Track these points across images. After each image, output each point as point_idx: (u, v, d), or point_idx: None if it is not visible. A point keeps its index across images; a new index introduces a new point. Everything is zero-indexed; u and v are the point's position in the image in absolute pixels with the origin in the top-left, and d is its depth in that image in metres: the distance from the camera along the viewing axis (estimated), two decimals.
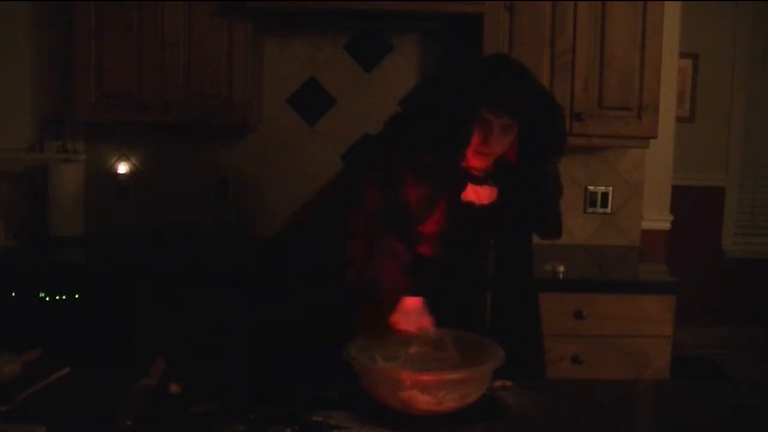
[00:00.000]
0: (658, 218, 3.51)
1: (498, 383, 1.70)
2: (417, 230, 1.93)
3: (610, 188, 3.41)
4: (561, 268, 2.82)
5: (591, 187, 3.41)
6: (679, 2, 3.40)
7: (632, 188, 3.41)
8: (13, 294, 2.72)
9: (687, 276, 2.99)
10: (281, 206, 3.35)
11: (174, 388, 1.67)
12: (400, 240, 1.89)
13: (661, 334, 2.77)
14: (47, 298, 2.72)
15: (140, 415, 1.52)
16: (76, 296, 2.72)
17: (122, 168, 3.36)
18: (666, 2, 3.05)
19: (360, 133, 3.30)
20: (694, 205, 4.97)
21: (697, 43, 4.98)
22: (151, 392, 1.63)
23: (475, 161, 1.88)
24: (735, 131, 5.24)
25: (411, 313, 1.75)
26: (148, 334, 2.69)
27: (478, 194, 1.94)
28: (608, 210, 3.41)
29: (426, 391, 1.52)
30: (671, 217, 3.56)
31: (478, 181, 1.93)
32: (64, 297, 2.72)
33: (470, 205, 1.94)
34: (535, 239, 2.13)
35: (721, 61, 5.14)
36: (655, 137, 3.06)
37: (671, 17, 3.29)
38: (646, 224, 3.47)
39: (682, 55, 3.84)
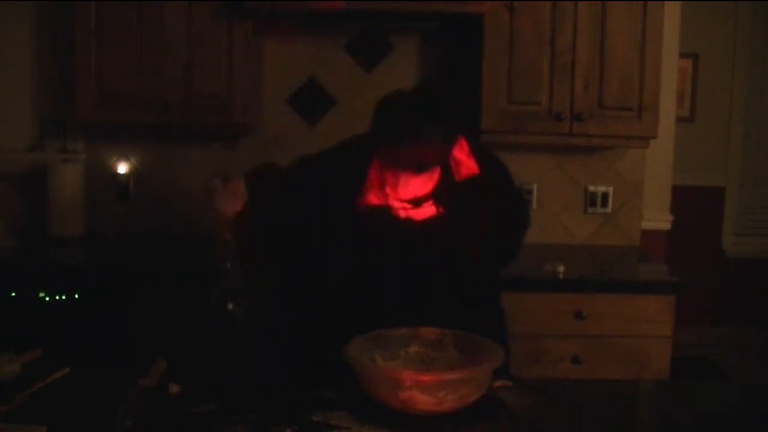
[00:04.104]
0: (658, 218, 3.52)
1: (498, 383, 1.70)
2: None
3: (610, 188, 3.41)
4: (561, 268, 2.82)
5: (591, 187, 3.41)
6: (679, 2, 3.40)
7: (632, 188, 3.41)
8: (13, 294, 2.72)
9: (687, 276, 2.99)
10: None
11: (174, 388, 1.67)
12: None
13: (661, 334, 2.77)
14: (47, 298, 2.72)
15: (140, 415, 1.52)
16: (76, 296, 2.72)
17: (122, 168, 3.36)
18: (666, 2, 3.05)
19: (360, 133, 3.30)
20: (694, 205, 4.97)
21: (697, 43, 4.98)
22: (151, 392, 1.63)
23: (408, 191, 1.85)
24: (735, 131, 5.24)
25: (230, 193, 1.85)
26: (148, 334, 2.69)
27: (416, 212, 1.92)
28: (608, 210, 3.41)
29: (426, 391, 1.52)
30: (671, 217, 3.56)
31: (416, 203, 1.90)
32: (64, 297, 2.72)
33: (407, 221, 1.92)
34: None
35: (721, 61, 5.15)
36: (655, 137, 3.06)
37: (671, 17, 3.29)
38: (646, 224, 3.47)
39: (682, 55, 3.84)
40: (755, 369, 4.72)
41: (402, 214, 1.92)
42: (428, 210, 1.91)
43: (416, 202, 1.88)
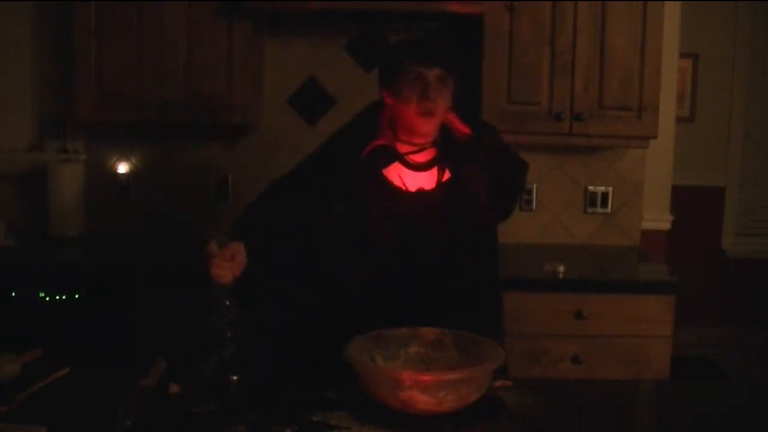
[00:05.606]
0: (658, 218, 3.51)
1: (498, 383, 1.70)
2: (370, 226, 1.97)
3: (610, 188, 3.41)
4: (561, 268, 2.82)
5: (591, 187, 3.41)
6: (679, 2, 3.40)
7: (632, 188, 3.41)
8: (13, 294, 2.72)
9: (687, 276, 2.99)
10: None
11: (174, 388, 1.67)
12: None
13: (661, 334, 2.77)
14: (47, 298, 2.72)
15: (140, 415, 1.52)
16: (76, 296, 2.73)
17: (122, 168, 3.36)
18: (666, 2, 3.05)
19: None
20: (694, 205, 4.97)
21: (697, 43, 4.98)
22: (151, 392, 1.63)
23: (420, 124, 1.90)
24: (735, 131, 5.24)
25: (229, 258, 1.79)
26: (148, 334, 2.69)
27: (422, 180, 1.98)
28: (608, 210, 3.41)
29: (426, 391, 1.52)
30: (671, 217, 3.56)
31: (418, 167, 1.97)
32: (64, 297, 2.72)
33: (418, 194, 1.97)
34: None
35: (721, 61, 5.14)
36: (655, 137, 3.06)
37: (671, 17, 3.29)
38: (646, 224, 3.47)
39: (682, 55, 3.84)
40: (755, 369, 4.72)
41: (404, 185, 1.95)
42: (432, 176, 1.97)
43: (422, 148, 1.96)
